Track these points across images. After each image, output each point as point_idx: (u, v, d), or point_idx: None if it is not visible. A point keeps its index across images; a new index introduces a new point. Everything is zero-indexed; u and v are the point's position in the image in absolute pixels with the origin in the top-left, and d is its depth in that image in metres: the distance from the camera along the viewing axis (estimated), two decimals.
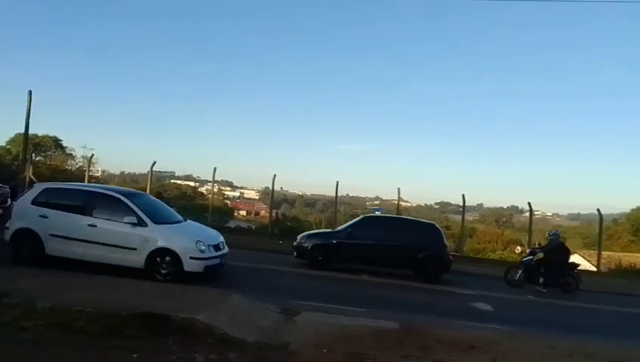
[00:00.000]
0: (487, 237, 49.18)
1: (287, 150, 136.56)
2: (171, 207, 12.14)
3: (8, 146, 32.75)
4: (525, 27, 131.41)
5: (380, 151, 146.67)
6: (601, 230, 21.14)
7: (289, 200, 75.50)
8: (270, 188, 23.06)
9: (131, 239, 9.08)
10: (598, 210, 20.50)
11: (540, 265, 13.54)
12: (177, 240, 9.25)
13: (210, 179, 23.54)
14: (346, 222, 15.96)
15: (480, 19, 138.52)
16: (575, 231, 57.86)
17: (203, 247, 9.33)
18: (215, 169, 22.32)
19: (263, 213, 57.13)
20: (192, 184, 56.69)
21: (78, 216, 9.26)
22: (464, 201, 21.62)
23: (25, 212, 9.47)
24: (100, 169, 34.93)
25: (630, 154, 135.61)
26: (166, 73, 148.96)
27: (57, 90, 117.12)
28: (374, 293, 10.75)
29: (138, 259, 9.03)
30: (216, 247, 9.82)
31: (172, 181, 56.30)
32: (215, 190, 27.33)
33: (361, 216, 15.19)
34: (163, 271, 9.00)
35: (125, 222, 9.07)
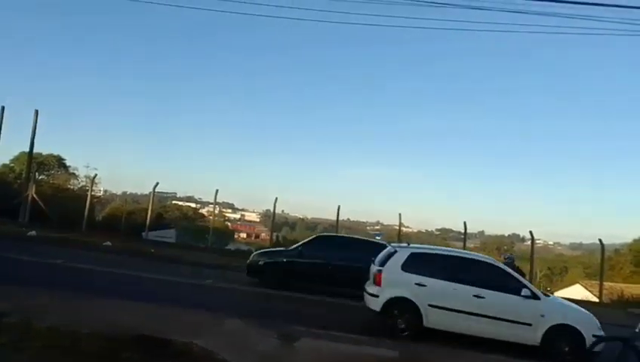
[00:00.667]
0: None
1: (290, 173, 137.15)
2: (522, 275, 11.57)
3: (12, 165, 32.93)
4: (531, 49, 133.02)
5: (382, 176, 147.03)
6: (602, 260, 21.02)
7: (290, 223, 75.39)
8: (271, 210, 23.12)
9: (525, 313, 8.50)
10: (599, 240, 20.43)
11: None
12: (576, 316, 8.72)
13: (212, 200, 23.64)
14: None
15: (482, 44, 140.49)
16: (577, 261, 57.46)
17: (599, 324, 8.64)
18: (217, 191, 22.41)
19: (263, 235, 57.09)
20: (193, 205, 56.79)
21: (462, 285, 8.66)
22: (465, 228, 21.58)
23: (397, 279, 8.85)
24: (102, 189, 35.06)
25: (633, 184, 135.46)
26: (170, 93, 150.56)
27: (62, 109, 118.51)
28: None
29: (533, 336, 8.45)
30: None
31: (174, 202, 56.44)
32: (216, 212, 27.30)
33: (314, 235, 15.14)
34: (564, 349, 8.32)
35: (522, 296, 8.54)
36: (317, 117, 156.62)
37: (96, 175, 25.16)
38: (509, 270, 9.12)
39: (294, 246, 14.03)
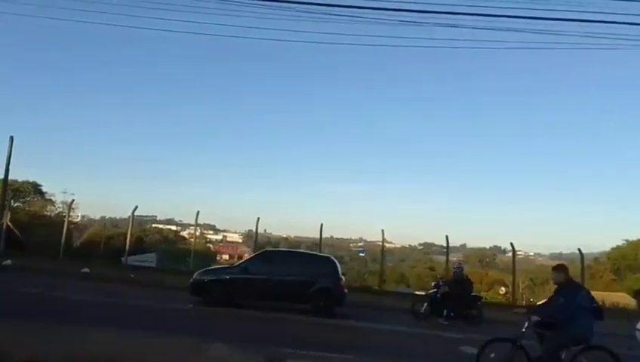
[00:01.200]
0: (471, 278, 49.14)
1: (271, 192, 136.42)
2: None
3: None
4: (511, 66, 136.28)
5: (364, 192, 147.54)
6: (583, 270, 21.30)
7: (273, 242, 74.78)
8: (254, 230, 22.91)
9: None
10: (579, 249, 20.76)
11: (445, 298, 13.60)
12: None
13: (193, 222, 23.31)
14: None
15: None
16: None
17: None
18: (198, 212, 22.13)
19: (246, 256, 56.38)
20: (173, 228, 56.01)
21: None
22: (447, 242, 21.71)
23: None
24: (79, 214, 34.39)
25: (609, 193, 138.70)
26: (146, 115, 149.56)
27: (37, 135, 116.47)
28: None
29: None
30: None
31: (154, 225, 55.63)
32: (197, 234, 26.98)
33: (259, 251, 15.17)
34: None
35: None
36: (297, 135, 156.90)
37: (73, 200, 24.60)
38: None
39: (239, 262, 14.00)
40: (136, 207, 21.85)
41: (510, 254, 22.72)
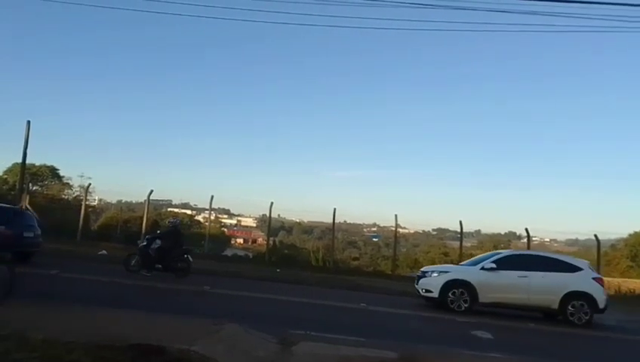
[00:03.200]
0: None
1: (285, 177, 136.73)
2: None
3: (5, 176, 32.72)
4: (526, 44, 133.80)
5: (378, 177, 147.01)
6: (599, 256, 21.12)
7: (286, 227, 75.18)
8: (267, 215, 23.05)
9: None
10: (595, 235, 20.55)
11: (158, 252, 13.68)
12: None
13: (207, 207, 23.52)
14: (343, 249, 15.98)
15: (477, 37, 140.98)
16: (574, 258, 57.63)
17: None
18: (212, 197, 22.32)
19: (260, 240, 56.89)
20: (189, 212, 56.45)
21: None
22: (461, 227, 21.61)
23: None
24: (96, 198, 34.85)
25: (627, 180, 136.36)
26: (163, 100, 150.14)
27: (55, 119, 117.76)
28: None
29: None
30: None
31: (169, 209, 56.05)
32: (212, 218, 27.18)
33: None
34: None
35: None
36: (310, 120, 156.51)
37: (90, 184, 24.96)
38: None
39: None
40: (152, 191, 22.15)
41: (525, 240, 22.52)
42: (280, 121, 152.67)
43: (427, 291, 12.91)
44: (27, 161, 23.38)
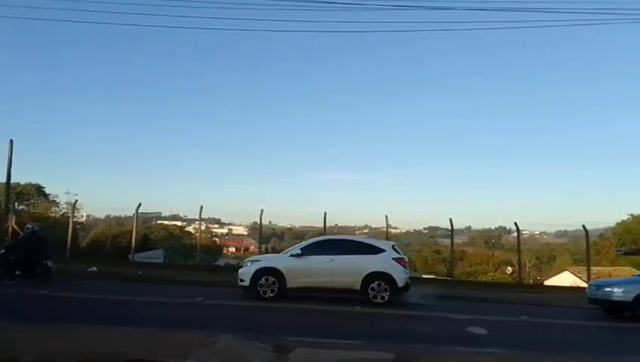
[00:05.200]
0: (477, 259, 49.35)
1: (274, 183, 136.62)
2: None
3: None
4: (510, 42, 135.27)
5: (367, 179, 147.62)
6: (588, 246, 21.32)
7: (278, 233, 75.04)
8: (258, 222, 22.96)
9: None
10: (583, 226, 20.75)
11: (15, 258, 13.59)
12: None
13: (197, 217, 23.40)
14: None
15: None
16: (564, 249, 58.34)
17: None
18: (202, 207, 22.20)
19: (252, 248, 56.67)
20: (179, 224, 56.12)
21: None
22: (452, 225, 21.72)
23: None
24: (84, 214, 34.53)
25: (613, 168, 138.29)
26: (147, 112, 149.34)
27: (38, 136, 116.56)
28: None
29: None
30: None
31: (159, 222, 55.69)
32: (202, 228, 27.04)
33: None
34: None
35: None
36: (299, 124, 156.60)
37: (77, 200, 24.70)
38: None
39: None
40: (140, 205, 21.94)
41: (515, 234, 22.71)
42: (268, 127, 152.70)
43: (241, 280, 13.08)
44: (12, 180, 23.06)
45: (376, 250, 13.35)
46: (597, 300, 13.35)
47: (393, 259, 13.13)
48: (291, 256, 13.34)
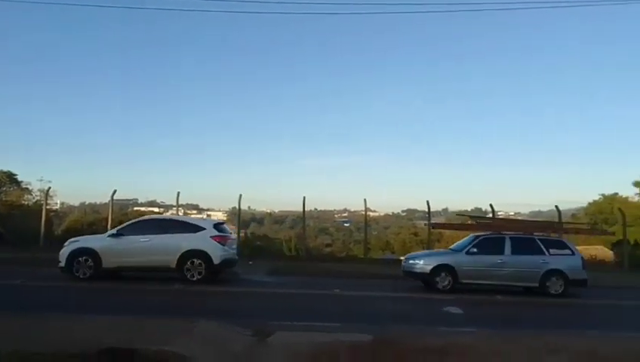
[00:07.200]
0: (454, 240, 50.13)
1: (252, 168, 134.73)
2: None
3: None
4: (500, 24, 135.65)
5: (346, 163, 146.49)
6: (561, 225, 21.82)
7: (257, 218, 74.70)
8: (237, 208, 22.84)
9: None
10: (556, 206, 21.25)
11: None
12: None
13: (175, 203, 23.15)
14: (315, 236, 16.07)
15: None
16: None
17: None
18: (179, 193, 21.99)
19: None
20: (156, 210, 55.31)
21: None
22: (429, 207, 22.02)
23: None
24: (58, 201, 33.71)
25: (583, 148, 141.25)
26: (120, 97, 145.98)
27: (9, 124, 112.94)
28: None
29: None
30: None
31: (135, 208, 54.78)
32: (180, 214, 26.71)
33: None
34: None
35: None
36: (277, 108, 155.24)
37: (50, 188, 24.13)
38: None
39: None
40: (115, 191, 21.59)
41: (491, 215, 23.09)
42: (246, 111, 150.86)
43: (59, 261, 13.03)
44: None
45: (195, 229, 13.32)
46: (405, 272, 14.04)
47: (211, 236, 13.11)
48: (109, 236, 13.45)
